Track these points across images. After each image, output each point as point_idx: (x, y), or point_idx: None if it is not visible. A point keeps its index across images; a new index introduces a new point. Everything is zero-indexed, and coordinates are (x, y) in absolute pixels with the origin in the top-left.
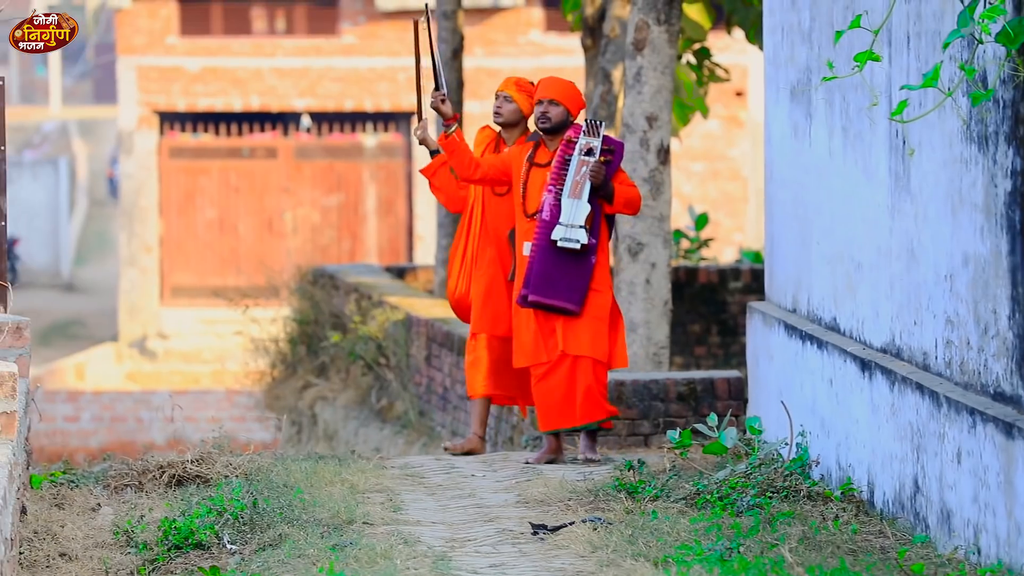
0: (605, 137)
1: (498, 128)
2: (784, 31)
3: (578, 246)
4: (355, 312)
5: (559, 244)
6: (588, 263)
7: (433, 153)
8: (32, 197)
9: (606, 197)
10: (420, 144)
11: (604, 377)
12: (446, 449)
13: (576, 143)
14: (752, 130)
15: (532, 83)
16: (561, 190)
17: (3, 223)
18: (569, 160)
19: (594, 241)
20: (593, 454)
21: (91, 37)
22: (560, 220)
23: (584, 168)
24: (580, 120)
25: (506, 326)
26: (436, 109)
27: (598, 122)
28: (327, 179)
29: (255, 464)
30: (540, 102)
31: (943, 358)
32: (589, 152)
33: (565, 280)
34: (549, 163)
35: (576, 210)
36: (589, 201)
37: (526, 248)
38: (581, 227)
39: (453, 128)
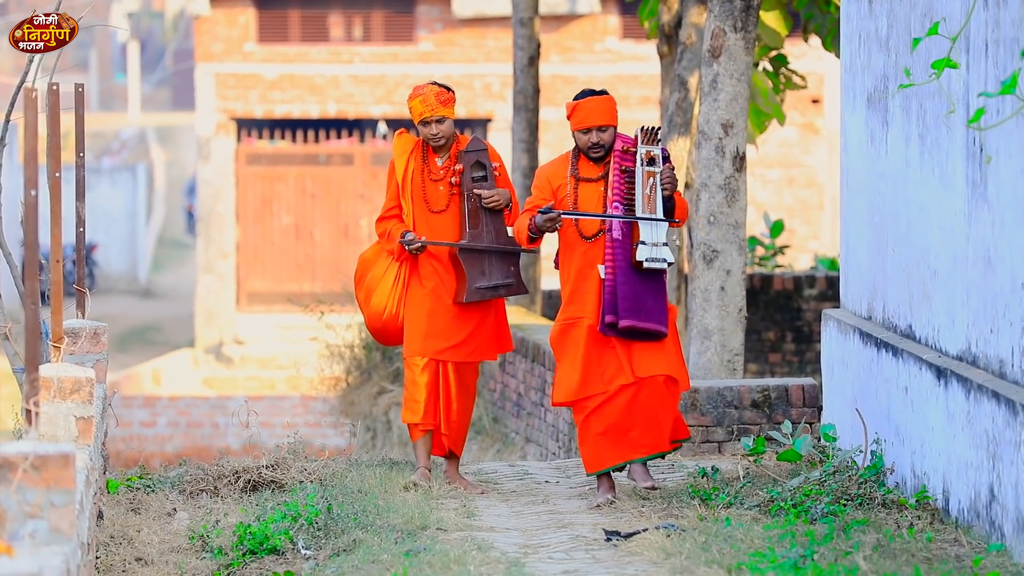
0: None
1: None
2: (861, 38)
3: (666, 265)
4: None
5: (646, 265)
6: (663, 280)
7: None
8: (110, 203)
9: (668, 210)
10: (542, 230)
11: (678, 398)
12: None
13: (632, 153)
14: (828, 137)
15: (448, 88)
16: (631, 206)
17: (82, 229)
18: (629, 171)
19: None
20: (651, 481)
21: (170, 44)
22: (642, 239)
23: (652, 179)
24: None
25: (447, 348)
26: (547, 226)
27: (655, 128)
28: None
29: (329, 470)
30: (587, 130)
31: (1019, 366)
32: (651, 162)
33: (651, 300)
34: (601, 176)
35: (656, 226)
36: (664, 214)
37: (601, 271)
38: (665, 244)
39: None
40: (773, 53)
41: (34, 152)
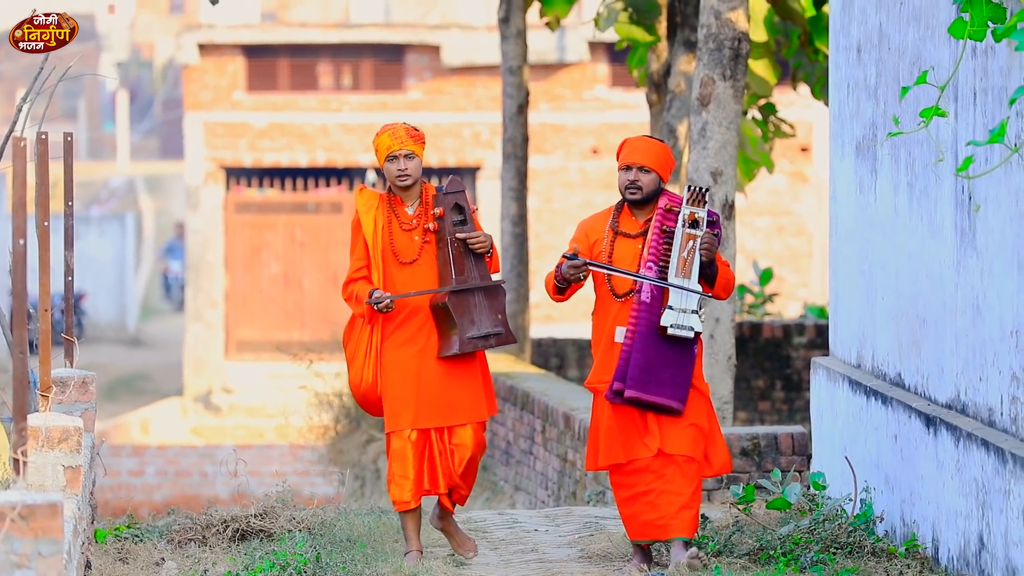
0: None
1: (388, 189)
2: (850, 87)
3: (692, 335)
4: None
5: (670, 332)
6: (692, 354)
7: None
8: (99, 252)
9: (709, 278)
10: (568, 280)
11: (700, 485)
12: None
13: (676, 212)
14: (817, 185)
15: (416, 128)
16: (665, 268)
17: (70, 278)
18: (668, 232)
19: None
20: (692, 554)
21: (158, 93)
22: (670, 304)
23: (691, 243)
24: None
25: (437, 415)
26: (571, 273)
27: (704, 189)
28: None
29: (318, 518)
30: (628, 168)
31: (1008, 414)
32: (694, 224)
33: (668, 373)
34: (640, 233)
35: (687, 293)
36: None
37: (619, 334)
38: (694, 312)
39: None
40: (762, 101)
41: (22, 201)
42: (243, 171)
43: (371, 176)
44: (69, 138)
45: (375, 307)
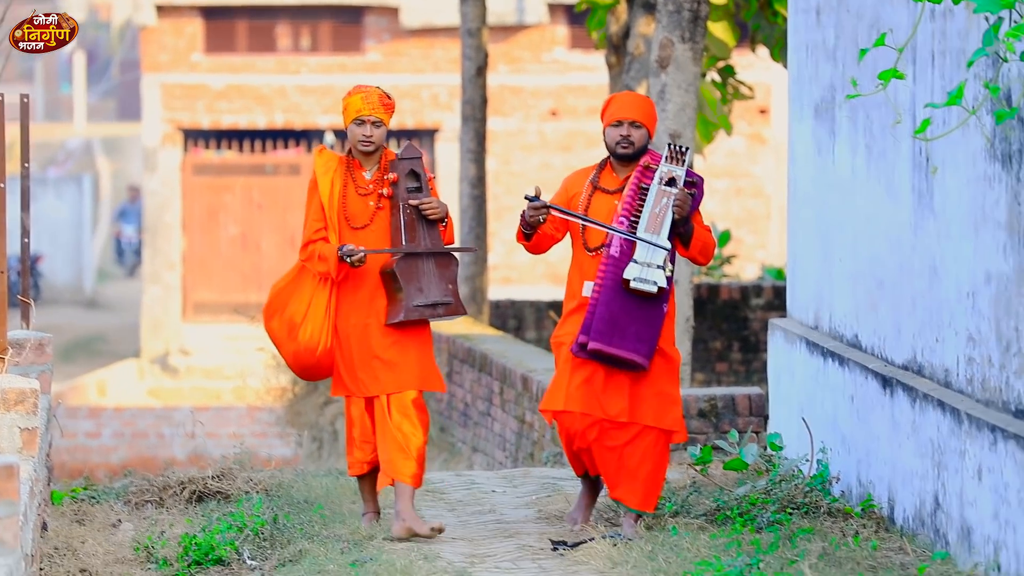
0: (689, 170)
1: (349, 153)
2: (808, 49)
3: (655, 289)
4: None
5: (632, 285)
6: (660, 311)
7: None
8: (55, 214)
9: (683, 238)
10: (530, 223)
11: (667, 456)
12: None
13: (655, 170)
14: (775, 148)
15: (389, 96)
16: (636, 223)
17: (26, 240)
18: (646, 189)
19: (668, 287)
20: (634, 533)
21: (116, 54)
22: (635, 257)
23: (665, 199)
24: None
25: (380, 383)
26: (532, 215)
27: (683, 148)
28: None
29: (276, 480)
30: (619, 123)
31: (964, 375)
32: (671, 182)
33: (633, 328)
34: (618, 190)
35: (654, 247)
36: (668, 239)
37: (587, 288)
38: (659, 267)
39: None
40: (721, 64)
41: None
42: (201, 133)
43: (329, 138)
44: (26, 99)
45: (347, 260)
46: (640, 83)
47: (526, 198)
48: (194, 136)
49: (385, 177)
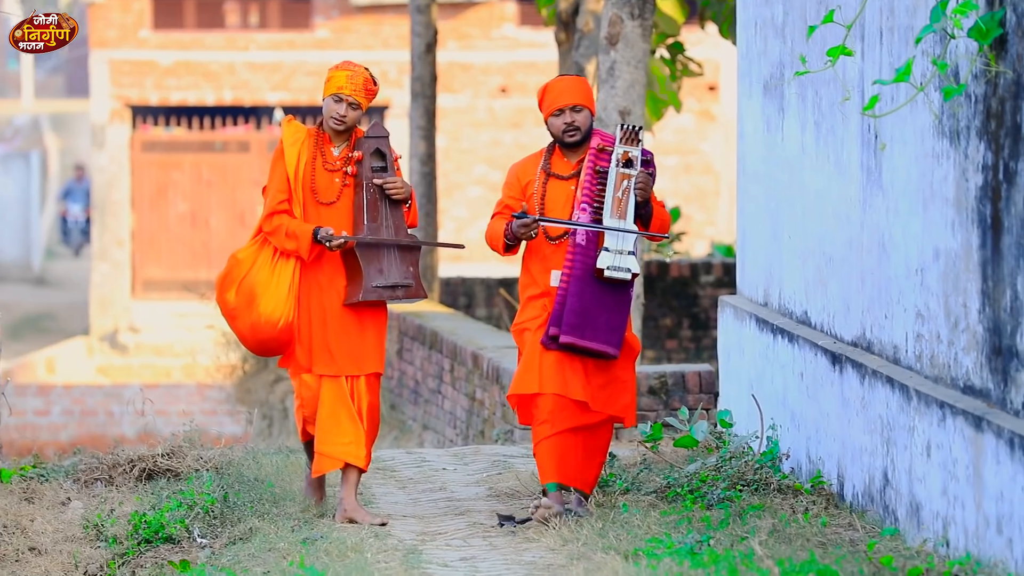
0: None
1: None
2: (757, 25)
3: (629, 276)
4: None
5: (607, 274)
6: (628, 297)
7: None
8: (3, 191)
9: (644, 218)
10: (519, 238)
11: (609, 440)
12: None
13: (609, 152)
14: (724, 124)
15: (376, 83)
16: (599, 209)
17: None
18: (602, 172)
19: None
20: (584, 510)
21: None
22: (606, 246)
23: (626, 182)
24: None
25: (336, 364)
26: (523, 232)
27: (636, 127)
28: None
29: (226, 458)
30: (560, 111)
31: (913, 351)
32: (628, 163)
33: (604, 317)
34: (573, 175)
35: (624, 234)
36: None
37: (554, 278)
38: (631, 253)
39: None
40: (670, 40)
41: None
42: (149, 109)
43: (278, 114)
44: None
45: (326, 244)
46: (589, 60)
47: (514, 216)
48: (143, 113)
49: (350, 155)
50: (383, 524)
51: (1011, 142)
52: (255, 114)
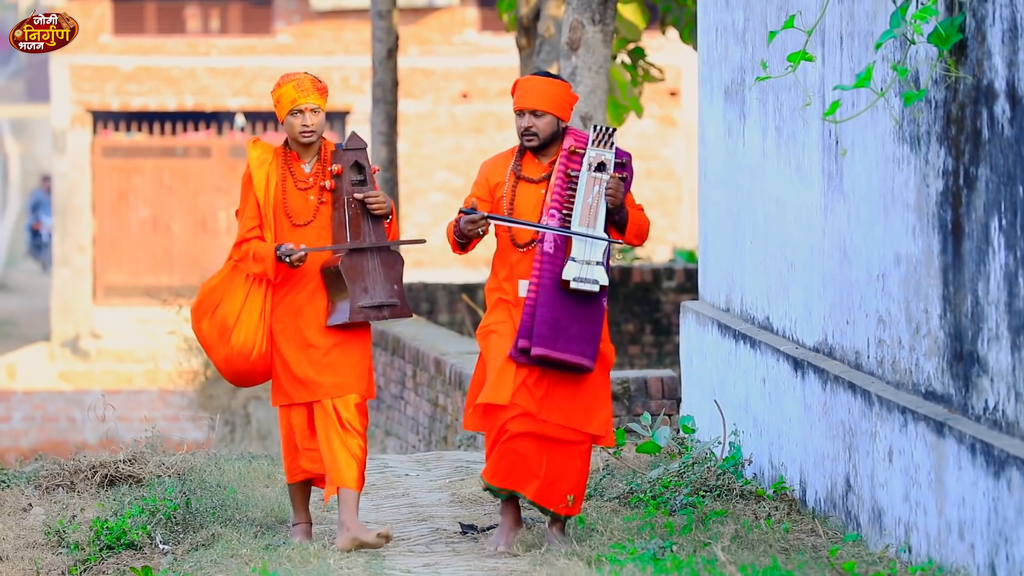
0: (617, 149)
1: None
2: (718, 31)
3: (596, 288)
4: None
5: (573, 286)
6: (600, 307)
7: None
8: None
9: (618, 224)
10: (467, 235)
11: (587, 461)
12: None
13: (582, 155)
14: (686, 130)
15: (320, 80)
16: (569, 215)
17: None
18: (573, 176)
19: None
20: (563, 540)
21: None
22: (573, 255)
23: (597, 187)
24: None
25: (329, 388)
26: (470, 229)
27: (610, 130)
28: None
29: (188, 464)
30: (521, 113)
31: (875, 357)
32: (600, 167)
33: (576, 328)
34: (544, 178)
35: (592, 242)
36: (604, 230)
37: (522, 288)
38: (599, 263)
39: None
40: (631, 46)
41: None
42: (110, 115)
43: (240, 120)
44: None
45: (286, 260)
46: (551, 65)
47: (462, 212)
48: (103, 118)
49: (329, 169)
50: (388, 537)
51: (971, 147)
52: (216, 119)
